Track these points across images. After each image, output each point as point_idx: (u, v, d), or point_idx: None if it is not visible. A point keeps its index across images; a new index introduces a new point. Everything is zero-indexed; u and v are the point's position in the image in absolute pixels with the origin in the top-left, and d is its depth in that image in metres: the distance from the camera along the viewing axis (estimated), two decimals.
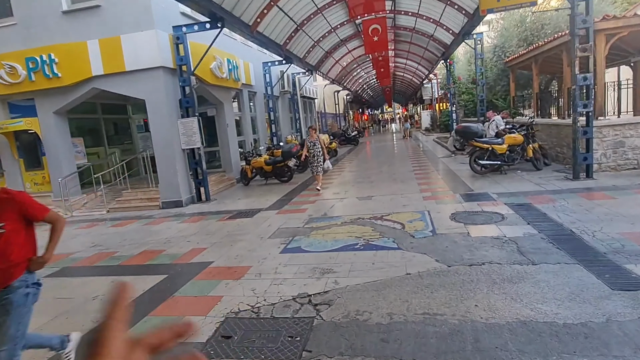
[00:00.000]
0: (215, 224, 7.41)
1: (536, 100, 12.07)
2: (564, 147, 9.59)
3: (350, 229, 6.00)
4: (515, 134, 9.34)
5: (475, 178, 9.23)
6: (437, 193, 8.05)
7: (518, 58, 12.92)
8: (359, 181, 10.72)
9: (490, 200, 6.96)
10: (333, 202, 8.17)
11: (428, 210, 6.64)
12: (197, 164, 9.95)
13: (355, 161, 16.08)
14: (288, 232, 6.25)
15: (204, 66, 10.85)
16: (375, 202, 7.75)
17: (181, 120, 9.74)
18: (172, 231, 7.18)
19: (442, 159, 13.74)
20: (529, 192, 7.26)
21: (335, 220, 6.69)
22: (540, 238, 4.74)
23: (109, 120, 12.93)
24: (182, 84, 9.61)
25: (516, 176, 8.94)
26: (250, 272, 4.62)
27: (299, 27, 14.14)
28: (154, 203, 9.93)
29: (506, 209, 6.23)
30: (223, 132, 12.71)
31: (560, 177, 8.31)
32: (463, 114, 21.84)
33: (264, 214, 7.76)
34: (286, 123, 19.72)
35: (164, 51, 9.32)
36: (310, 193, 9.58)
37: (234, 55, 12.91)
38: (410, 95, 47.56)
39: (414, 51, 23.51)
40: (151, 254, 5.83)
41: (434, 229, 5.58)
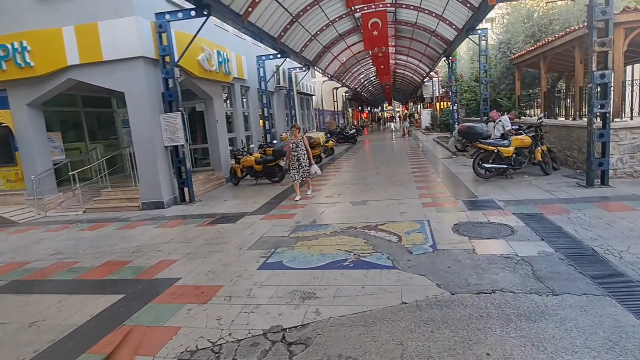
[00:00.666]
0: (194, 229, 6.74)
1: (544, 100, 11.38)
2: (574, 150, 8.93)
3: (340, 241, 5.33)
4: (523, 135, 8.66)
5: (478, 182, 8.57)
6: (438, 199, 7.38)
7: (525, 55, 12.22)
8: (354, 183, 10.05)
9: (496, 208, 6.29)
10: (324, 207, 7.50)
11: (428, 220, 5.98)
12: (181, 162, 9.27)
13: (351, 161, 15.40)
14: (271, 242, 5.58)
15: (191, 58, 10.17)
16: (370, 209, 7.08)
17: (163, 115, 9.05)
18: (145, 237, 6.50)
19: (443, 160, 13.08)
20: (538, 200, 6.60)
21: (325, 229, 6.02)
22: (559, 259, 4.07)
23: (91, 114, 12.22)
24: (164, 76, 8.92)
25: (523, 181, 8.27)
26: (220, 294, 3.95)
27: (295, 19, 13.43)
28: (134, 204, 9.25)
29: (515, 220, 5.56)
30: (212, 128, 12.02)
31: (571, 183, 7.65)
32: (464, 114, 21.15)
33: (249, 219, 7.09)
34: (281, 120, 19.04)
35: (145, 40, 8.61)
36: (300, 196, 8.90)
37: (224, 47, 12.20)
38: (410, 94, 46.85)
39: (415, 47, 22.80)
40: (114, 266, 5.16)
41: (434, 243, 4.91)
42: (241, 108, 13.99)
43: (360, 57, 26.18)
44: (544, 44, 10.44)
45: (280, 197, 9.09)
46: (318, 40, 17.49)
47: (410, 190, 8.44)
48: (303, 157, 8.43)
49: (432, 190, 8.21)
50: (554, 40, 9.87)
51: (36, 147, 9.49)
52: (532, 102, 13.98)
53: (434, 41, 18.88)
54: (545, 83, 11.49)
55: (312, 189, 8.99)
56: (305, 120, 24.76)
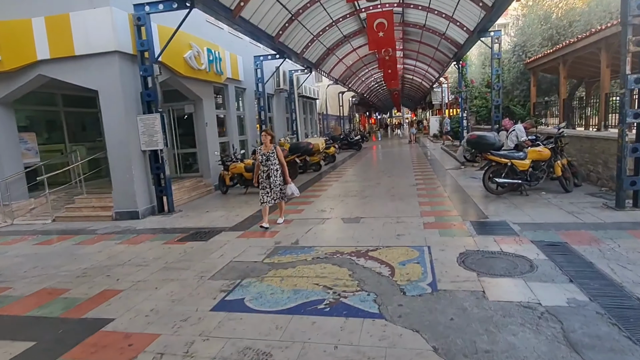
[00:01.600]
0: (159, 248, 5.86)
1: (562, 108, 10.37)
2: (598, 164, 7.91)
3: (320, 271, 4.41)
4: (541, 147, 7.68)
5: (489, 199, 7.59)
6: (442, 218, 6.42)
7: (542, 58, 11.24)
8: (351, 195, 9.12)
9: (510, 234, 5.32)
10: (312, 224, 6.58)
11: (429, 246, 5.03)
12: (160, 168, 8.44)
13: (353, 169, 14.47)
14: (239, 269, 4.67)
15: (177, 55, 9.38)
16: (363, 228, 6.15)
17: (141, 116, 8.24)
18: (100, 257, 5.63)
19: (450, 171, 12.09)
20: (560, 224, 5.61)
21: (307, 252, 5.10)
22: (596, 312, 3.11)
23: (73, 114, 11.46)
24: (143, 74, 8.11)
25: (540, 199, 7.28)
26: (151, 349, 3.05)
27: (294, 17, 12.60)
28: (108, 213, 8.43)
29: (534, 251, 4.59)
30: (201, 132, 11.20)
31: (597, 203, 6.64)
32: (474, 121, 20.13)
33: (224, 237, 6.20)
34: (281, 124, 18.22)
35: (121, 33, 7.82)
36: (289, 209, 7.99)
37: (217, 45, 11.40)
38: (419, 100, 45.88)
39: (423, 51, 21.89)
40: (47, 296, 4.29)
41: (434, 280, 3.96)
42: (235, 111, 13.16)
43: (367, 61, 25.33)
44: (565, 45, 9.46)
45: (270, 208, 8.18)
46: (321, 41, 16.67)
47: (412, 206, 7.49)
48: (275, 173, 6.53)
49: (436, 207, 7.25)
50: (577, 42, 8.89)
51: (5, 149, 8.72)
52: (549, 111, 12.94)
53: (443, 44, 17.96)
54: (564, 89, 10.49)
55: (284, 217, 6.94)
56: (309, 124, 23.92)
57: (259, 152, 6.58)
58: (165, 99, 11.41)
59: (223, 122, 12.74)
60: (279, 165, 6.57)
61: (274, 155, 6.53)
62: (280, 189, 6.59)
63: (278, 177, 6.56)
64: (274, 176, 6.51)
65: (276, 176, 6.53)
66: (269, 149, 6.53)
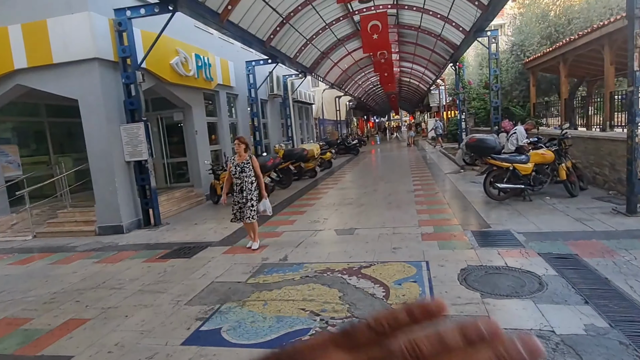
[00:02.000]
0: (138, 267, 5.46)
1: (564, 108, 10.01)
2: (604, 167, 7.53)
3: (308, 292, 4.01)
4: (544, 149, 7.30)
5: (491, 205, 7.20)
6: (442, 228, 6.02)
7: (541, 57, 10.90)
8: (346, 203, 8.73)
9: (515, 245, 4.93)
10: (303, 237, 6.18)
11: (427, 261, 4.63)
12: (145, 180, 8.05)
13: (349, 175, 14.09)
14: (220, 291, 4.27)
15: (162, 61, 9.03)
16: (357, 241, 5.75)
17: (124, 126, 7.87)
18: (74, 278, 5.23)
19: (449, 175, 11.71)
20: (568, 233, 5.22)
21: (295, 270, 4.71)
22: (619, 343, 2.70)
23: (58, 124, 11.09)
24: (125, 81, 7.75)
25: (545, 205, 6.89)
26: None
27: (285, 21, 12.27)
28: (91, 228, 8.03)
29: (542, 265, 4.19)
30: (191, 140, 10.83)
31: (606, 208, 6.25)
32: (473, 123, 19.78)
33: (209, 253, 5.80)
34: (276, 130, 17.85)
35: (101, 39, 7.46)
36: (279, 220, 7.61)
37: (206, 51, 11.06)
38: (416, 103, 45.60)
39: (419, 54, 21.60)
40: (6, 327, 3.88)
41: None
42: (227, 118, 12.79)
43: (362, 64, 25.03)
44: (565, 43, 9.11)
45: (260, 219, 7.75)
46: (314, 45, 16.34)
47: (409, 214, 7.09)
48: (250, 187, 5.59)
49: (435, 216, 6.85)
50: (578, 39, 8.54)
51: None
52: (549, 111, 12.57)
53: (439, 46, 17.64)
54: (566, 89, 10.13)
55: (259, 241, 5.85)
56: (305, 130, 23.57)
57: (232, 163, 5.71)
58: (154, 107, 11.12)
59: (214, 130, 12.37)
60: (254, 178, 5.68)
61: (249, 166, 5.63)
62: (252, 204, 5.59)
63: (253, 192, 5.62)
64: (249, 190, 5.58)
65: (251, 190, 5.60)
66: (243, 159, 5.65)
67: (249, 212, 5.57)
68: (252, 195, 5.63)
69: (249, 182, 5.62)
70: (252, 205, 5.61)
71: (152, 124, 11.13)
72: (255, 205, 5.64)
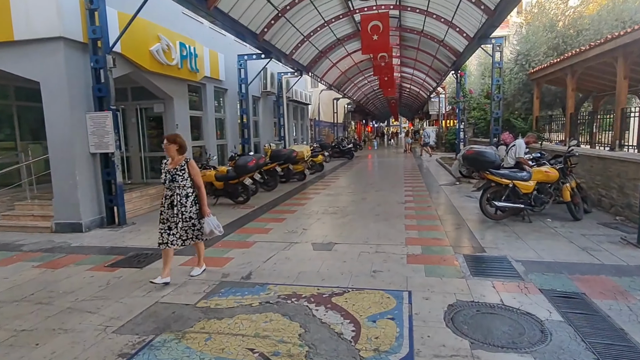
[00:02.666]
0: (79, 276, 4.75)
1: (569, 124, 9.40)
2: (612, 189, 6.90)
3: (263, 326, 3.32)
4: (547, 167, 6.67)
5: (486, 225, 6.55)
6: (430, 249, 5.36)
7: (548, 68, 10.29)
8: (330, 212, 8.06)
9: (513, 276, 4.27)
10: (274, 251, 5.50)
11: (409, 291, 3.96)
12: (110, 174, 7.35)
13: (340, 180, 13.42)
14: (161, 317, 3.58)
15: (141, 47, 8.34)
16: (334, 259, 5.07)
17: (91, 114, 7.16)
18: (1, 286, 4.51)
19: (444, 187, 11.07)
20: (574, 265, 4.57)
21: (256, 293, 4.02)
22: None
23: (28, 109, 10.33)
24: (94, 65, 7.05)
25: (546, 228, 6.24)
26: None
27: (280, 14, 11.61)
28: (48, 224, 7.29)
29: (545, 305, 3.54)
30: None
31: (613, 237, 5.61)
32: (472, 133, 19.20)
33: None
34: (269, 129, 17.17)
35: (69, 17, 6.75)
36: (255, 227, 6.93)
37: (193, 40, 10.36)
38: (416, 109, 45.13)
39: (421, 59, 21.04)
40: None
41: (411, 351, 2.89)
42: (214, 113, 12.09)
43: (363, 67, 24.43)
44: (575, 54, 8.50)
45: (235, 225, 7.12)
46: (312, 42, 15.70)
47: (397, 229, 6.43)
48: (184, 200, 4.34)
49: (425, 234, 6.19)
50: (588, 50, 7.93)
51: None
52: (552, 125, 11.97)
53: (442, 52, 17.08)
54: (572, 103, 9.50)
55: (204, 266, 4.71)
56: (299, 131, 22.91)
57: (164, 168, 4.40)
58: (133, 96, 10.40)
59: (199, 125, 11.67)
60: (191, 189, 4.42)
61: (183, 173, 4.33)
62: (193, 223, 4.43)
63: (189, 207, 4.37)
64: (182, 205, 4.32)
65: (186, 205, 4.35)
66: (176, 164, 4.35)
67: (187, 232, 4.42)
68: (189, 214, 4.38)
69: (182, 194, 4.32)
70: (190, 223, 4.41)
71: (130, 114, 10.46)
72: (193, 223, 4.43)
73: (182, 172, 4.33)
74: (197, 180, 4.45)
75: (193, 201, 4.43)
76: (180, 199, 4.33)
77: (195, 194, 4.46)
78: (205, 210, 4.48)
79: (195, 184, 4.45)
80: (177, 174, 4.31)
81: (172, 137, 4.42)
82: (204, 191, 4.54)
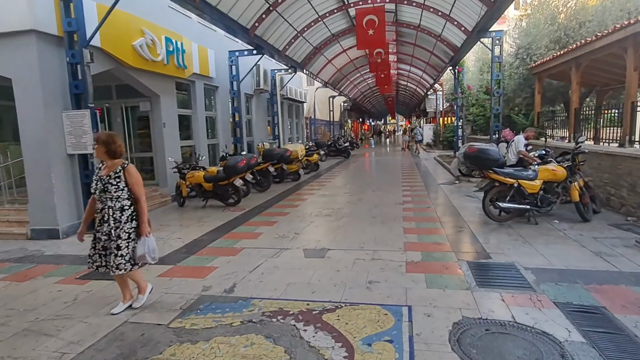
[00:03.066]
0: (45, 290, 4.32)
1: (574, 119, 9.00)
2: (622, 188, 6.51)
3: (242, 352, 2.90)
4: (554, 164, 6.27)
5: (490, 227, 6.15)
6: (431, 255, 4.95)
7: (550, 62, 9.89)
8: (325, 214, 7.64)
9: (523, 286, 3.87)
10: (262, 259, 5.07)
11: (409, 306, 3.55)
12: (89, 177, 6.88)
13: (335, 180, 12.99)
14: (127, 340, 3.15)
15: (123, 42, 7.89)
16: (326, 267, 4.66)
17: (67, 112, 6.71)
18: None
19: (443, 186, 10.67)
20: (588, 272, 4.17)
21: (238, 310, 3.60)
22: None
23: (10, 108, 9.79)
24: (70, 61, 6.59)
25: (554, 230, 5.84)
26: None
27: (272, 7, 11.15)
28: (23, 230, 6.84)
29: (562, 322, 3.14)
30: (158, 133, 9.67)
31: (627, 240, 5.22)
32: (470, 131, 18.81)
33: (145, 273, 4.66)
34: (262, 128, 16.74)
35: (41, 9, 6.29)
36: (243, 232, 6.50)
37: (180, 35, 9.92)
38: (414, 107, 44.80)
39: (418, 55, 20.66)
40: None
41: None
42: (204, 111, 11.64)
43: (359, 64, 24.02)
44: (580, 45, 8.09)
45: (222, 229, 6.70)
46: (306, 38, 15.25)
47: (395, 234, 6.01)
48: (118, 215, 3.52)
49: (424, 238, 5.77)
50: (595, 41, 7.53)
51: None
52: (554, 121, 11.58)
53: (439, 48, 16.67)
54: (577, 97, 9.09)
55: (148, 291, 3.89)
56: (295, 129, 22.48)
57: (95, 176, 3.62)
58: (118, 94, 9.94)
59: (188, 124, 11.22)
60: (128, 201, 3.56)
61: (118, 182, 3.50)
62: (127, 244, 3.53)
63: (123, 224, 3.51)
64: (114, 220, 3.49)
65: (119, 221, 3.50)
66: (109, 170, 3.54)
67: (117, 259, 3.48)
68: (122, 230, 3.50)
69: (116, 208, 3.49)
70: (124, 246, 3.51)
71: (115, 113, 10.00)
72: (129, 247, 3.55)
73: (116, 181, 3.50)
74: (137, 190, 3.57)
75: (130, 217, 3.56)
76: (114, 212, 3.50)
77: (133, 209, 3.59)
78: (144, 228, 3.57)
79: (134, 195, 3.58)
80: (110, 182, 3.48)
81: (100, 137, 3.54)
82: (145, 205, 3.63)
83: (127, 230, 3.54)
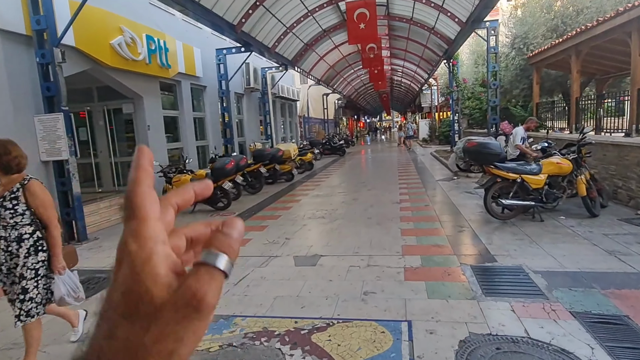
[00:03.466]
0: (8, 312, 3.90)
1: (575, 109, 8.66)
2: (630, 180, 6.17)
3: None
4: (558, 157, 5.91)
5: (492, 226, 5.79)
6: (431, 260, 4.58)
7: (549, 50, 9.54)
8: (318, 216, 7.26)
9: (534, 293, 3.50)
10: (249, 269, 4.68)
11: (409, 321, 3.17)
12: (65, 184, 6.48)
13: (330, 179, 12.61)
14: None
15: (100, 40, 7.47)
16: (318, 277, 4.27)
17: (39, 117, 6.28)
18: None
19: (441, 182, 10.30)
20: (604, 274, 3.81)
21: (217, 331, 3.21)
22: None
23: None
24: (40, 61, 6.16)
25: (561, 227, 5.49)
26: None
27: (259, 2, 10.71)
28: None
29: (582, 337, 2.76)
30: (143, 136, 9.24)
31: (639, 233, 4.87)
32: (467, 124, 18.47)
33: None
34: (254, 128, 16.33)
35: (6, 6, 5.86)
36: None
37: (162, 32, 9.48)
38: (409, 103, 44.43)
39: (411, 50, 20.27)
40: None
41: None
42: (191, 112, 11.23)
43: (351, 60, 23.60)
44: (580, 32, 7.74)
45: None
46: (296, 34, 14.82)
47: (392, 236, 5.64)
48: (16, 248, 2.64)
49: (423, 240, 5.40)
50: (597, 26, 7.18)
51: None
52: (554, 112, 11.24)
53: (433, 41, 16.29)
54: (577, 86, 8.75)
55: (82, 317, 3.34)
56: (288, 128, 22.06)
57: None
58: (100, 96, 9.52)
59: (175, 125, 10.81)
60: (29, 228, 2.68)
61: (14, 205, 2.62)
62: (36, 284, 2.70)
63: (25, 259, 2.65)
64: (11, 256, 2.67)
65: (18, 255, 2.65)
66: (5, 190, 2.63)
67: (26, 304, 2.67)
68: (25, 268, 2.65)
69: (11, 239, 2.64)
70: (32, 287, 2.68)
71: (97, 116, 9.57)
72: (39, 287, 2.71)
73: (12, 204, 2.60)
74: (45, 214, 2.70)
75: (31, 249, 2.67)
76: (8, 245, 2.64)
77: (37, 237, 2.70)
78: (56, 263, 2.74)
79: (42, 221, 2.72)
80: (3, 206, 2.59)
81: (9, 147, 2.65)
82: (58, 233, 2.77)
83: (32, 266, 2.66)
